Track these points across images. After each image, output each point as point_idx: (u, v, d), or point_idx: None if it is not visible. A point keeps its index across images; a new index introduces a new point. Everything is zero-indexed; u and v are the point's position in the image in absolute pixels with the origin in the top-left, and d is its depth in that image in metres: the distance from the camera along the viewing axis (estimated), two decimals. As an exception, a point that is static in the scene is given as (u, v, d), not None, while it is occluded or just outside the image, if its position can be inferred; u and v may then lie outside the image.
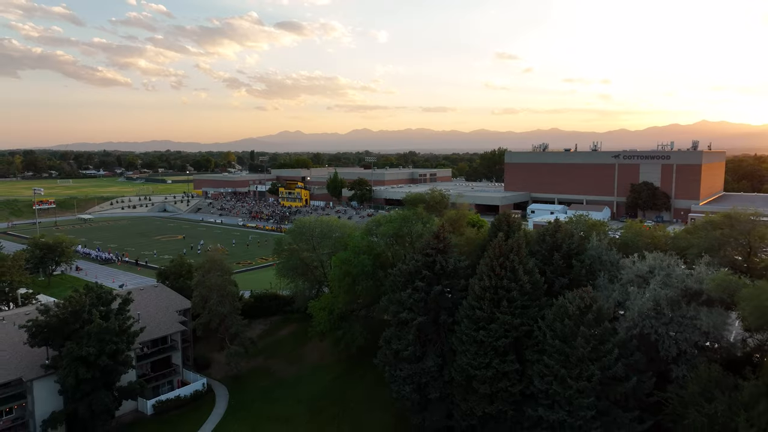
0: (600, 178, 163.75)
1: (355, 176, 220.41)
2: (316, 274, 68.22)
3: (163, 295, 64.74)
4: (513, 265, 40.72)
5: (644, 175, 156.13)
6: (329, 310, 56.68)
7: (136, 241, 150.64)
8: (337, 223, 67.68)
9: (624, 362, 36.02)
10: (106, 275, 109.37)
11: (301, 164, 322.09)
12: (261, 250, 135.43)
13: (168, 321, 59.97)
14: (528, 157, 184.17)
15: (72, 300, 46.46)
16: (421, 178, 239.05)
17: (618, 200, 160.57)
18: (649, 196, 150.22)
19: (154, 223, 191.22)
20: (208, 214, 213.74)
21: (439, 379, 44.46)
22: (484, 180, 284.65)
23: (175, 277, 70.27)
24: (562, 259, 44.52)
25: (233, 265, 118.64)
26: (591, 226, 52.71)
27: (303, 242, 67.46)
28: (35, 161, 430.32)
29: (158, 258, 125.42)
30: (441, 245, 45.47)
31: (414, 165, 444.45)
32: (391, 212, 63.12)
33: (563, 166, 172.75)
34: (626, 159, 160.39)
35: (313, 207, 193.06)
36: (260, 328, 72.03)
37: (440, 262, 44.63)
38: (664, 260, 40.85)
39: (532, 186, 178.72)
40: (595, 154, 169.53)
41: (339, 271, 55.61)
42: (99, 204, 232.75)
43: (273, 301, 73.01)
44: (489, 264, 41.34)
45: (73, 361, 44.05)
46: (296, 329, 70.16)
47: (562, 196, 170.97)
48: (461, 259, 46.04)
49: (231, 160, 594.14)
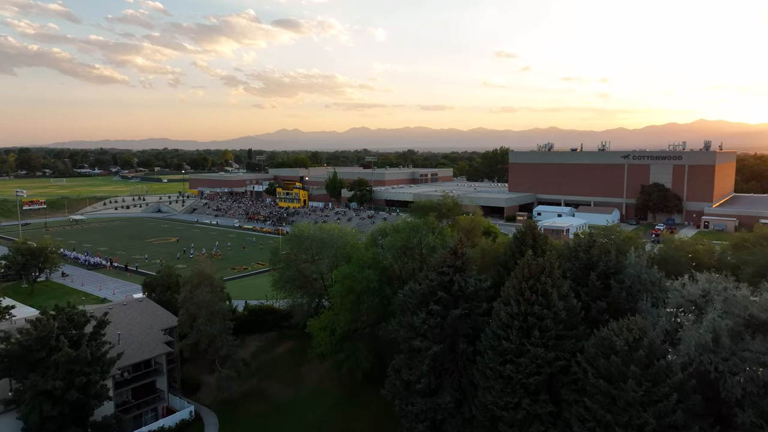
0: (608, 179, 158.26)
1: (355, 176, 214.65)
2: (315, 287, 62.55)
3: (148, 311, 58.99)
4: (545, 289, 35.05)
5: (655, 176, 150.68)
6: (330, 329, 51.02)
7: (127, 244, 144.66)
8: (339, 231, 61.85)
9: (682, 407, 30.42)
10: (94, 282, 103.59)
11: (299, 163, 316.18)
12: (257, 254, 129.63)
13: (152, 341, 54.21)
14: (533, 157, 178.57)
15: (38, 324, 40.68)
16: (422, 178, 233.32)
17: (627, 202, 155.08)
18: (660, 198, 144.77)
19: (147, 225, 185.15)
20: (204, 215, 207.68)
21: (457, 416, 38.83)
22: (486, 180, 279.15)
23: (162, 290, 64.50)
24: (599, 280, 38.82)
25: (227, 270, 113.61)
26: (626, 240, 46.91)
27: (301, 252, 61.75)
28: (29, 160, 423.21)
29: (149, 263, 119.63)
30: (459, 263, 39.76)
31: (413, 164, 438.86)
32: (398, 221, 57.38)
33: (570, 167, 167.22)
34: (636, 159, 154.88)
35: (312, 208, 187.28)
36: (255, 345, 66.30)
37: (458, 283, 38.94)
38: (721, 283, 35.23)
39: (537, 187, 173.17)
40: (603, 154, 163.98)
41: (341, 288, 49.93)
42: (92, 204, 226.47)
43: (269, 315, 67.23)
44: (517, 287, 35.66)
45: (36, 395, 38.35)
46: (294, 346, 64.43)
47: (568, 198, 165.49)
48: (482, 279, 40.31)
49: (228, 159, 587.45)
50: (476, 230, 58.92)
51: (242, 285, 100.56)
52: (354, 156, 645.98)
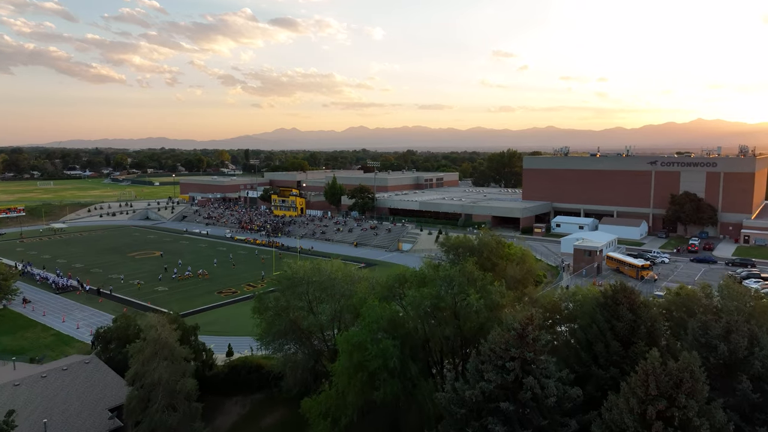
0: (633, 187, 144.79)
1: (355, 181, 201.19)
2: (314, 343, 49.13)
3: (94, 380, 45.37)
4: (686, 417, 21.66)
5: (685, 184, 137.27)
6: (333, 417, 37.61)
7: (106, 259, 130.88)
8: (343, 272, 48.20)
9: None
10: (58, 310, 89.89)
11: (296, 166, 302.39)
12: (248, 271, 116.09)
13: (95, 426, 40.67)
14: (549, 162, 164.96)
15: None
16: (427, 183, 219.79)
17: (655, 212, 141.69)
18: (693, 209, 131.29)
19: (132, 235, 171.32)
20: (194, 222, 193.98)
21: None
22: (492, 184, 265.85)
23: (119, 344, 50.96)
24: (757, 392, 25.27)
25: (212, 295, 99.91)
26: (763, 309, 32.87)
27: (295, 298, 48.22)
28: (17, 161, 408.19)
29: (125, 284, 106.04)
30: (529, 354, 26.33)
31: (414, 165, 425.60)
32: (423, 264, 43.87)
33: (589, 173, 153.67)
34: (664, 166, 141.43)
35: (309, 217, 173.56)
36: (236, 411, 52.64)
37: (531, 387, 25.55)
38: None
39: (553, 195, 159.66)
40: (627, 160, 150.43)
41: (349, 362, 36.57)
42: (75, 211, 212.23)
43: (254, 374, 53.66)
44: (637, 409, 22.27)
45: None
46: (285, 416, 50.75)
47: (589, 207, 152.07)
48: (565, 377, 26.82)
49: (224, 160, 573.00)
50: (528, 279, 45.29)
51: (229, 313, 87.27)
52: (353, 156, 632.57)
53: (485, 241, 49.03)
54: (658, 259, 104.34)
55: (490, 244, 48.79)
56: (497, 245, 49.28)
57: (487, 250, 47.71)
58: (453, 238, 52.20)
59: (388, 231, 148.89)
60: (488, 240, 49.34)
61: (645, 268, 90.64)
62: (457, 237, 53.58)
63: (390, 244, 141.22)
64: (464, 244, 49.64)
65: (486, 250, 47.55)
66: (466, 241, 50.34)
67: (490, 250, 47.74)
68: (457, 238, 52.68)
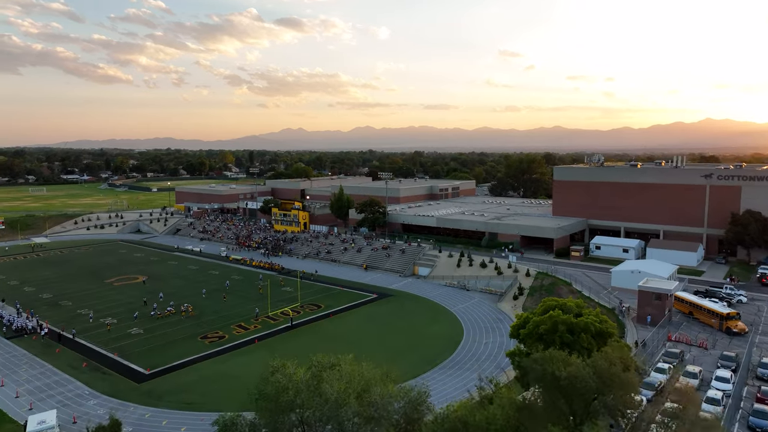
0: (683, 204, 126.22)
1: (363, 191, 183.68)
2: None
3: None
4: None
5: (747, 201, 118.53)
6: None
7: (79, 287, 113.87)
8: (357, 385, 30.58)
9: None
10: (1, 366, 72.81)
11: (300, 173, 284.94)
12: (241, 305, 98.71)
13: None
14: (582, 173, 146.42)
15: None
16: (442, 193, 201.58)
17: (709, 233, 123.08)
18: (759, 230, 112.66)
19: (117, 252, 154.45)
20: (188, 237, 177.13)
21: None
22: (510, 192, 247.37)
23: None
24: None
25: (195, 341, 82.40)
26: None
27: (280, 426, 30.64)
28: (12, 165, 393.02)
29: (94, 323, 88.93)
30: None
31: (423, 167, 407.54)
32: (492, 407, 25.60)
33: (629, 186, 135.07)
34: (722, 179, 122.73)
35: (314, 233, 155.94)
36: None
37: None
38: None
39: (588, 211, 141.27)
40: (675, 172, 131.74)
41: None
42: (61, 223, 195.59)
43: None
44: None
45: None
46: None
47: (630, 225, 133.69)
48: None
49: (228, 162, 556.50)
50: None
51: (211, 372, 69.73)
52: (359, 157, 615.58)
53: (613, 374, 26.06)
54: (735, 298, 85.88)
55: (618, 379, 25.83)
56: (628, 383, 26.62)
57: (615, 386, 25.97)
58: (546, 358, 28.21)
59: (401, 252, 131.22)
60: (615, 372, 25.91)
61: (731, 317, 72.21)
62: (550, 356, 27.60)
63: (405, 268, 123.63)
64: (576, 377, 26.58)
65: (610, 390, 25.64)
66: (577, 372, 26.53)
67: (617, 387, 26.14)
68: (551, 357, 28.52)
